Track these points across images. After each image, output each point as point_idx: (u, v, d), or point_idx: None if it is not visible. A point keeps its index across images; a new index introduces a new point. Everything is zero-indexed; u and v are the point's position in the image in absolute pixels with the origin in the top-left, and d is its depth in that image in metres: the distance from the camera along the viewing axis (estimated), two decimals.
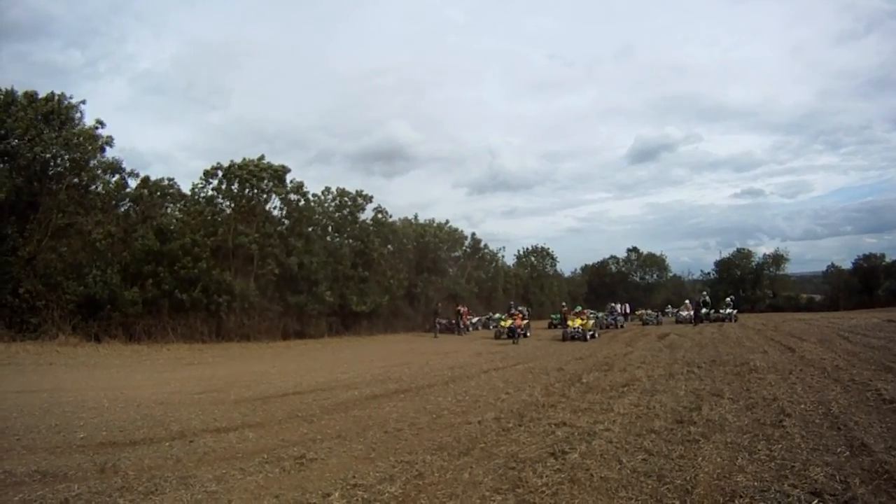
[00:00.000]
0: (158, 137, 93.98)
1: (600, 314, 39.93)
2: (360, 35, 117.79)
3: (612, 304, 42.37)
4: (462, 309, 37.24)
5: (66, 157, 25.17)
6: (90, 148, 25.58)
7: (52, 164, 25.08)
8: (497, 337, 30.17)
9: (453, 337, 33.18)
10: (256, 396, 12.13)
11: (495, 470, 6.41)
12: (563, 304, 42.63)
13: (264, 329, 28.84)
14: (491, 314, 39.27)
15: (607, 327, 36.10)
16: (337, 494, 5.75)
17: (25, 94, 24.97)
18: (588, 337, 26.79)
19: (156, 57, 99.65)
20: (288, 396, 12.13)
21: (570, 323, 28.46)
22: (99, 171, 26.46)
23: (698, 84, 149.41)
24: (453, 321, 36.23)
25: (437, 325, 35.14)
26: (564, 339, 26.75)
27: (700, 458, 6.52)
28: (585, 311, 32.12)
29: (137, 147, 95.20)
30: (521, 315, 31.21)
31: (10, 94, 24.87)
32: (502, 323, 31.52)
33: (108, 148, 26.35)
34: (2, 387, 12.91)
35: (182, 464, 7.04)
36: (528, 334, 29.92)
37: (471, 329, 36.93)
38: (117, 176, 27.44)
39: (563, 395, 11.14)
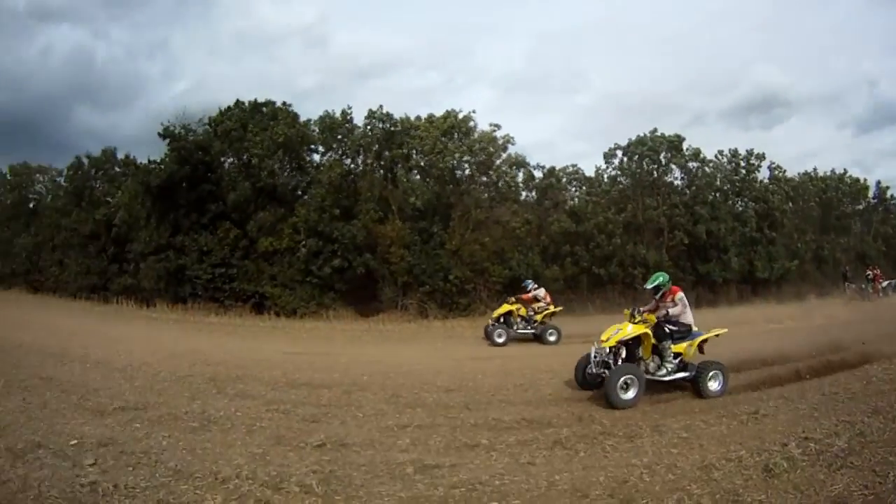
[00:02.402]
0: (534, 129, 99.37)
1: None
2: None
3: None
4: (874, 272, 32.79)
5: (472, 161, 28.18)
6: (492, 149, 28.12)
7: (459, 169, 28.45)
8: (488, 338, 18.00)
9: (864, 303, 28.55)
10: None
11: None
12: None
13: None
14: None
15: None
16: (793, 444, 6.20)
17: (417, 118, 29.09)
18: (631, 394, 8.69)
19: (508, 58, 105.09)
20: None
21: (602, 338, 9.41)
22: (505, 168, 28.79)
23: None
24: (863, 286, 31.98)
25: (847, 290, 31.08)
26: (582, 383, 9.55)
27: None
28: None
29: (520, 141, 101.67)
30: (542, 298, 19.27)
31: (406, 120, 29.04)
32: (495, 313, 19.11)
33: (510, 146, 28.59)
34: (457, 354, 14.84)
35: (648, 415, 7.93)
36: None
37: (881, 294, 31.98)
38: (523, 170, 29.63)
39: None
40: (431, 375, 10.66)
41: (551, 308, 19.01)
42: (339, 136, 28.92)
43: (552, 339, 17.78)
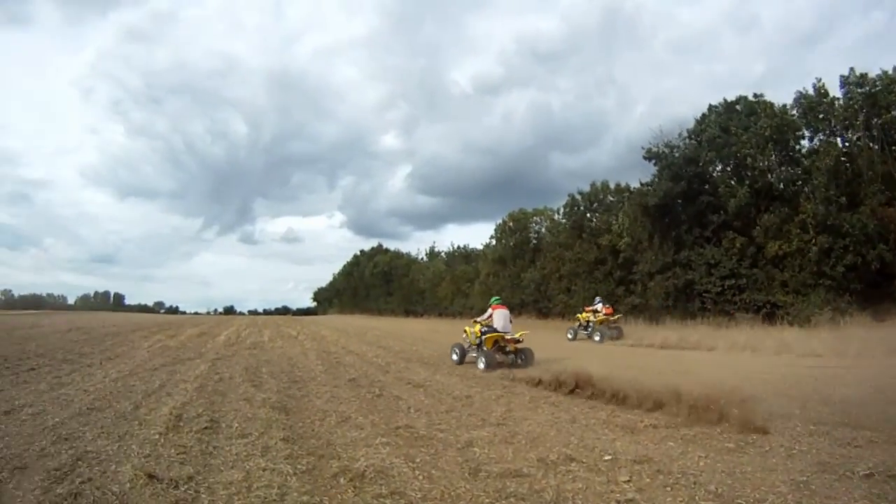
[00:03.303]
0: None
1: None
2: None
3: None
4: None
5: None
6: None
7: None
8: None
9: None
10: None
11: None
12: None
13: None
14: None
15: None
16: None
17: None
18: None
19: None
20: None
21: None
22: None
23: None
24: None
25: None
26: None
27: None
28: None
29: None
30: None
31: (885, 75, 25.42)
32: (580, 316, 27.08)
33: None
34: None
35: None
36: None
37: None
38: None
39: None
40: None
41: (608, 318, 25.65)
42: (821, 116, 26.86)
43: (596, 338, 24.54)
